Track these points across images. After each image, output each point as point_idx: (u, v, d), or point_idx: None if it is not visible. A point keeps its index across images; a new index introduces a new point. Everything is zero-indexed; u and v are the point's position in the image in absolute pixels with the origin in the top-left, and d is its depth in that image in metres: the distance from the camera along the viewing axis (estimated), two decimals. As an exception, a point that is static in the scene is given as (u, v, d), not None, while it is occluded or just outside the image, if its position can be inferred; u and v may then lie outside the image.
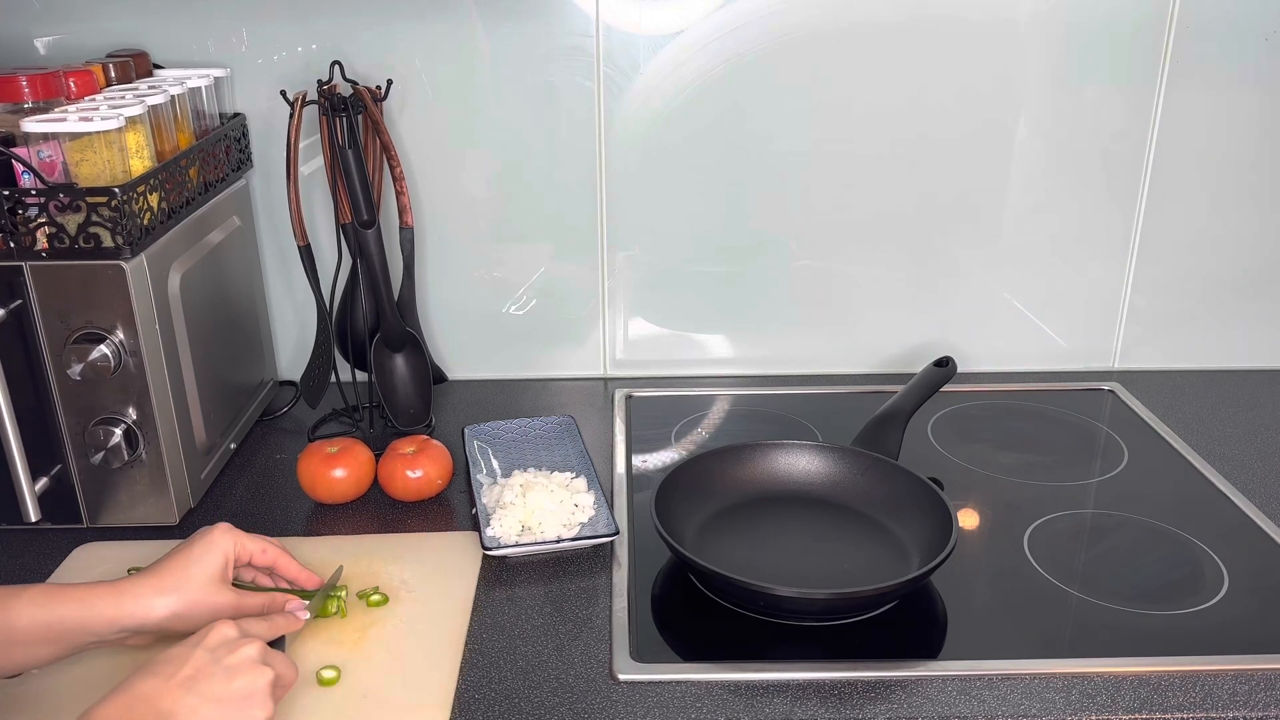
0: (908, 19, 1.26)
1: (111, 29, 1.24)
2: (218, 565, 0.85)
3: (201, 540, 0.86)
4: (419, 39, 1.26)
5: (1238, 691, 0.85)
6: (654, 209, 1.35)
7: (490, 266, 1.37)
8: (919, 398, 1.19)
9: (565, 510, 1.05)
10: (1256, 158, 1.33)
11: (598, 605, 0.96)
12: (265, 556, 0.90)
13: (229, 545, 0.86)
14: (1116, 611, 0.95)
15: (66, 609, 0.79)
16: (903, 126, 1.31)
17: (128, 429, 1.02)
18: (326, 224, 1.32)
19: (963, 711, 0.83)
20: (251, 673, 0.74)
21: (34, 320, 0.98)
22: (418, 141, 1.30)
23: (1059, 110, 1.30)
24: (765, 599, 0.92)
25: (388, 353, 1.23)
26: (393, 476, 1.11)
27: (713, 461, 1.10)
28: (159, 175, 1.04)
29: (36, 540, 1.05)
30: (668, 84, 1.28)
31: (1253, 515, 1.09)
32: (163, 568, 0.84)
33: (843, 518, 1.07)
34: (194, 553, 0.85)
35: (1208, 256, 1.38)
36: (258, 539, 0.90)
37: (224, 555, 0.85)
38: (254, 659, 0.75)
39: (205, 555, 0.85)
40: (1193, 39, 1.27)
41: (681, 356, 1.43)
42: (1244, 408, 1.34)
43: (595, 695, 0.85)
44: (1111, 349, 1.44)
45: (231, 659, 0.74)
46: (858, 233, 1.36)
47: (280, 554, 0.91)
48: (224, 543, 0.86)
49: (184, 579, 0.83)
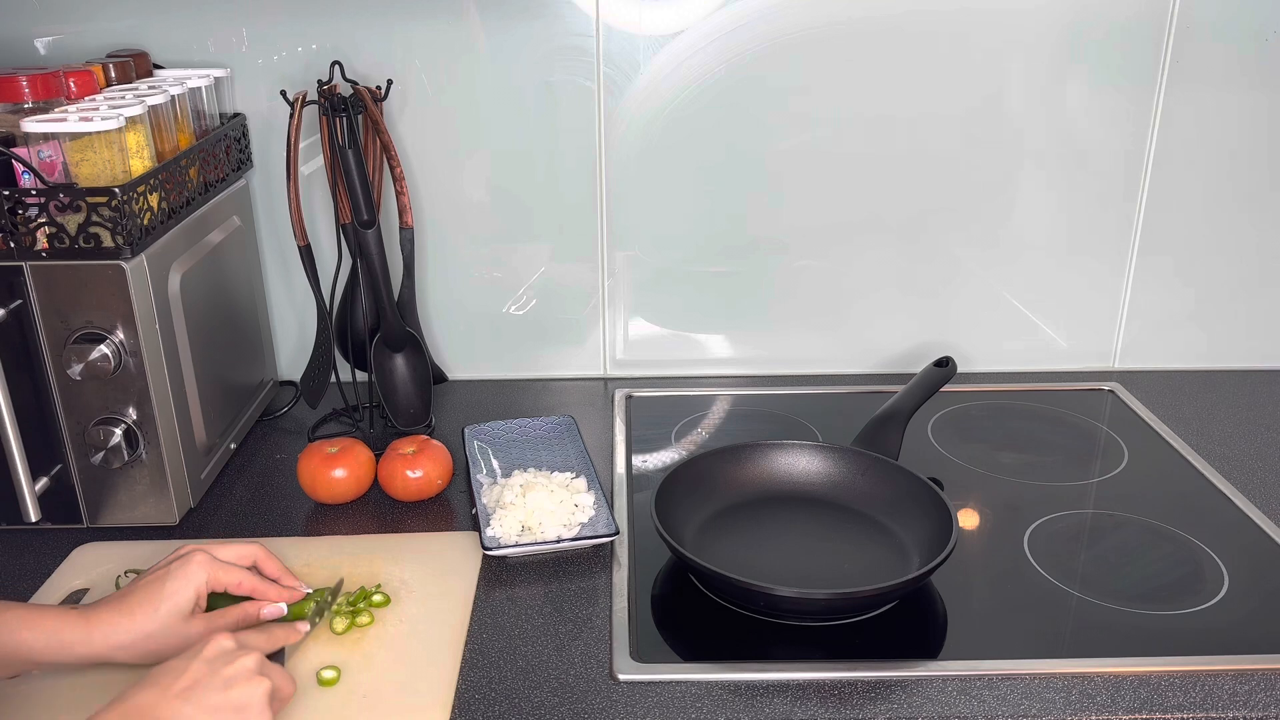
0: (908, 20, 1.26)
1: (111, 29, 1.24)
2: (188, 601, 0.83)
3: (177, 575, 0.84)
4: (419, 39, 1.26)
5: (1238, 691, 0.85)
6: (654, 209, 1.35)
7: (490, 266, 1.37)
8: (919, 398, 1.19)
9: (565, 510, 1.05)
10: (1256, 158, 1.33)
11: (598, 605, 0.96)
12: (240, 589, 0.87)
13: (202, 580, 0.84)
14: (1116, 611, 0.95)
15: (34, 636, 0.79)
16: (903, 126, 1.31)
17: (128, 429, 1.02)
18: (326, 224, 1.32)
19: (963, 711, 0.83)
20: (249, 683, 0.74)
21: (34, 320, 0.98)
22: (418, 141, 1.30)
23: (1059, 110, 1.30)
24: (765, 599, 0.92)
25: (388, 353, 1.23)
26: (393, 476, 1.11)
27: (713, 461, 1.10)
28: (159, 175, 1.04)
29: (36, 540, 1.05)
30: (668, 84, 1.28)
31: (1253, 515, 1.09)
32: (132, 602, 0.82)
33: (843, 518, 1.07)
34: (167, 589, 0.82)
35: (1208, 256, 1.38)
36: (234, 570, 0.87)
37: (196, 591, 0.84)
38: (251, 670, 0.75)
39: (175, 594, 0.83)
40: (1193, 39, 1.27)
41: (681, 356, 1.43)
42: (1244, 408, 1.34)
43: (595, 695, 0.85)
44: (1111, 349, 1.44)
45: (229, 670, 0.74)
46: (858, 233, 1.36)
47: (258, 584, 0.88)
48: (198, 578, 0.84)
49: (153, 616, 0.81)
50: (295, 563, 1.00)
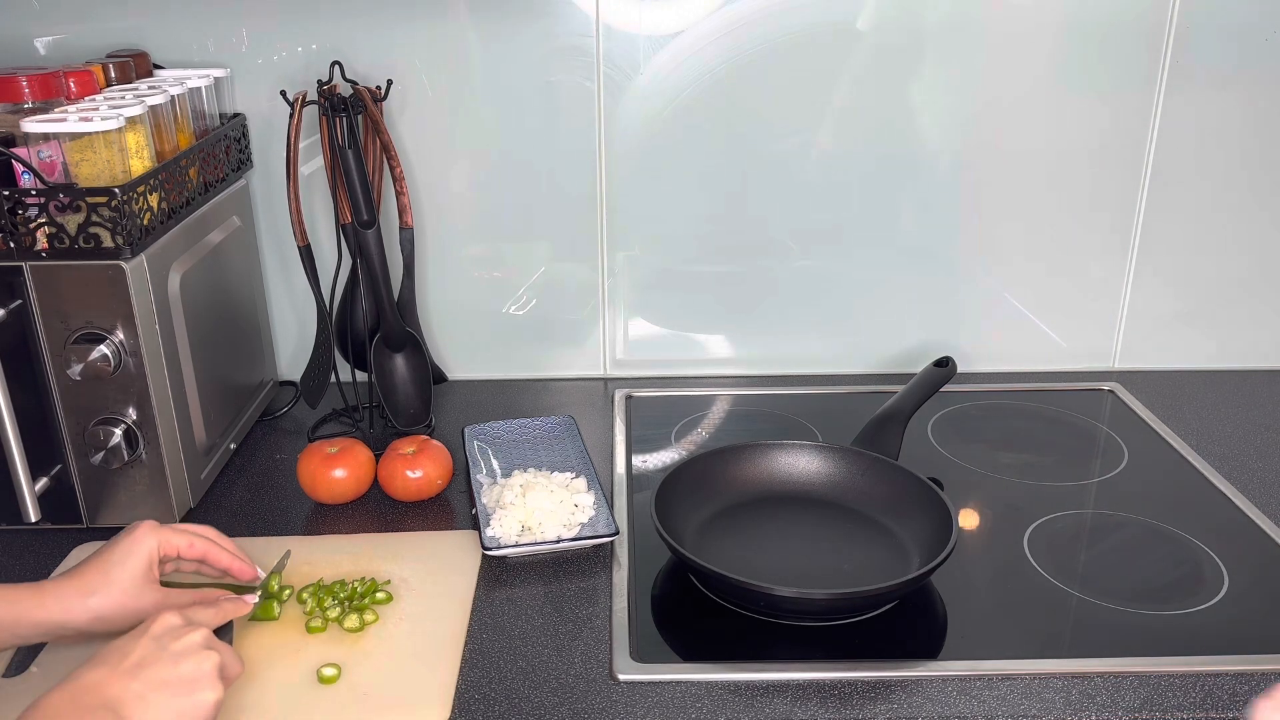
0: (908, 21, 1.26)
1: (111, 29, 1.24)
2: (141, 565, 0.84)
3: (125, 540, 0.85)
4: (419, 39, 1.26)
5: (1238, 691, 0.85)
6: (654, 209, 1.35)
7: (490, 266, 1.37)
8: (919, 398, 1.19)
9: (565, 510, 1.05)
10: (1256, 158, 1.33)
11: (598, 605, 0.96)
12: (193, 550, 0.88)
13: (153, 543, 0.85)
14: (1116, 611, 0.95)
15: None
16: (902, 126, 1.31)
17: (128, 429, 1.02)
18: (326, 224, 1.32)
19: (963, 711, 0.83)
20: (196, 656, 0.74)
21: (34, 320, 0.98)
22: (418, 141, 1.30)
23: (1059, 110, 1.30)
24: (765, 599, 0.92)
25: (388, 353, 1.23)
26: (393, 476, 1.11)
27: (713, 461, 1.10)
28: (159, 175, 1.04)
29: (36, 540, 1.05)
30: (668, 84, 1.28)
31: (1253, 515, 1.09)
32: (86, 569, 0.83)
33: (843, 518, 1.07)
34: (116, 554, 0.84)
35: (1208, 256, 1.38)
36: (183, 533, 0.88)
37: (148, 554, 0.85)
38: (198, 644, 0.75)
39: (128, 556, 0.84)
40: (1193, 39, 1.27)
41: (681, 356, 1.43)
42: (1244, 408, 1.34)
43: (595, 695, 0.85)
44: (1111, 349, 1.44)
45: (176, 645, 0.74)
46: (858, 233, 1.36)
47: (209, 547, 0.89)
48: (147, 541, 0.85)
49: (106, 580, 0.82)
50: (295, 562, 1.00)
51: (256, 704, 0.83)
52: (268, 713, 0.83)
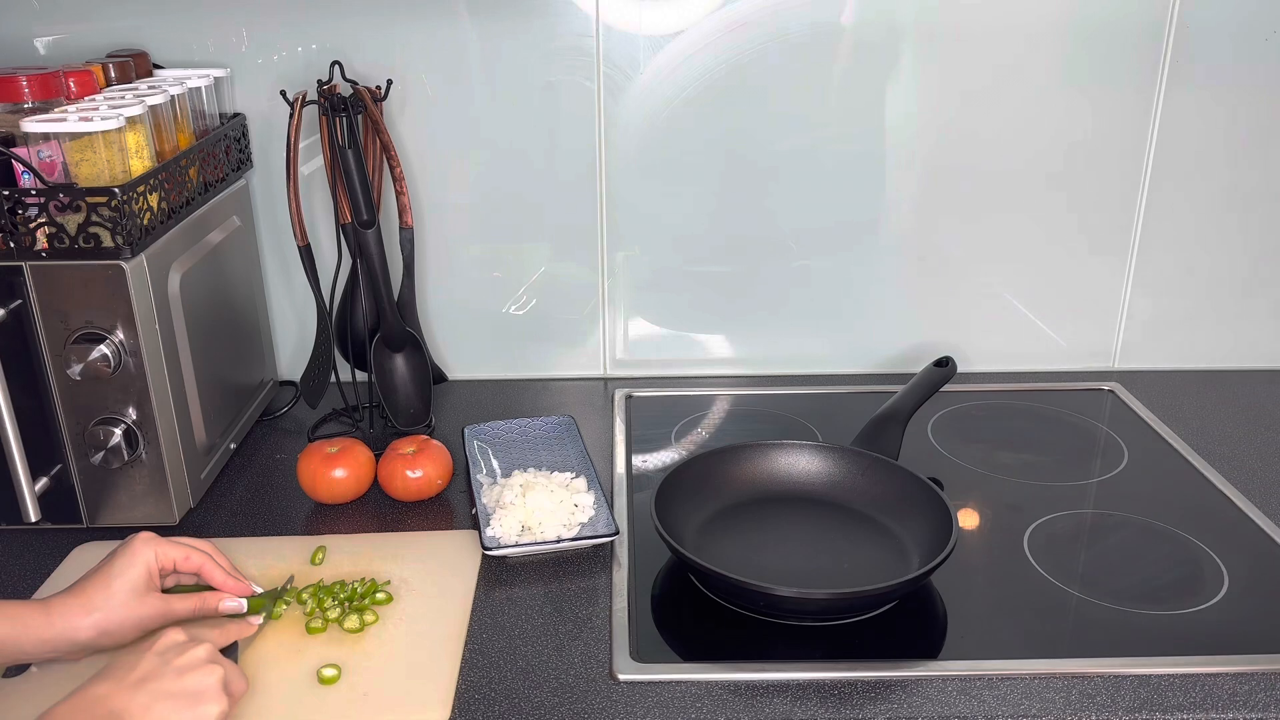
0: (908, 20, 1.26)
1: (111, 29, 1.24)
2: (141, 575, 0.85)
3: (123, 553, 0.86)
4: (419, 39, 1.26)
5: (1238, 691, 0.85)
6: (654, 209, 1.35)
7: (490, 266, 1.37)
8: (919, 398, 1.19)
9: (565, 510, 1.05)
10: (1256, 158, 1.33)
11: (598, 605, 0.96)
12: (189, 563, 0.89)
13: (149, 556, 0.86)
14: (1116, 611, 0.95)
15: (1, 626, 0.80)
16: (902, 126, 1.31)
17: (128, 429, 1.02)
18: (326, 224, 1.32)
19: (963, 711, 0.83)
20: (200, 670, 0.76)
21: (34, 320, 0.98)
22: (418, 141, 1.30)
23: (1059, 110, 1.30)
24: (765, 599, 0.92)
25: (388, 353, 1.23)
26: (393, 476, 1.11)
27: (713, 461, 1.10)
28: (159, 175, 1.04)
29: (36, 540, 1.05)
30: (668, 84, 1.28)
31: (1253, 515, 1.09)
32: (86, 585, 0.84)
33: (843, 518, 1.07)
34: (116, 567, 0.85)
35: (1208, 256, 1.38)
36: (180, 546, 0.89)
37: (146, 565, 0.85)
38: (202, 659, 0.77)
39: (128, 568, 0.85)
40: (1193, 39, 1.27)
41: (681, 356, 1.43)
42: (1244, 408, 1.34)
43: (595, 695, 0.85)
44: (1111, 349, 1.44)
45: (180, 660, 0.76)
46: (857, 232, 1.36)
47: (205, 560, 0.90)
48: (145, 552, 0.86)
49: (107, 595, 0.83)
50: (295, 562, 1.00)
51: (257, 705, 0.83)
52: (268, 713, 0.83)
